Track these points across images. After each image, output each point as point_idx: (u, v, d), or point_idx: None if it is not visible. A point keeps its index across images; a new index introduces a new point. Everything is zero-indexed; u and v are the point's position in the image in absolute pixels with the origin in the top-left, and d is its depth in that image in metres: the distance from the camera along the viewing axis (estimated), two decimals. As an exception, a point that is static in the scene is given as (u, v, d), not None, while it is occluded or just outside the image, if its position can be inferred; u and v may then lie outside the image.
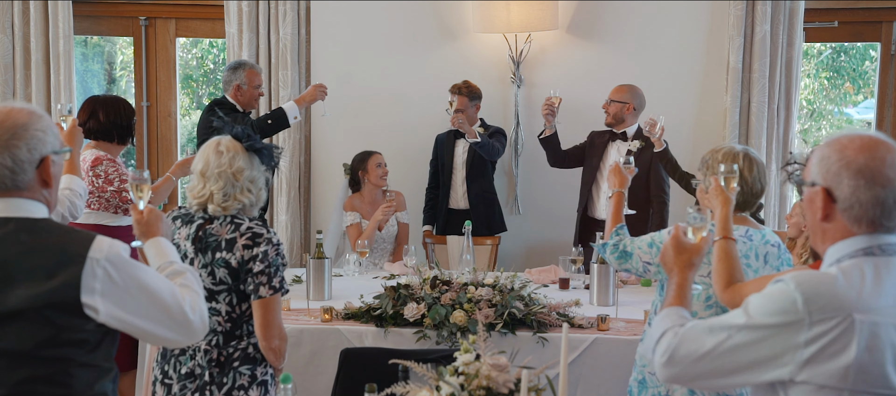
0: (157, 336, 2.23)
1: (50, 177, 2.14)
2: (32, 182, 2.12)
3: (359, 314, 4.23)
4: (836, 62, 7.73)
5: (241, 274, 3.04)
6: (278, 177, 6.05)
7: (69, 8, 5.90)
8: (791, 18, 5.63)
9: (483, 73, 5.90)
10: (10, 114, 2.11)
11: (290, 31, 5.86)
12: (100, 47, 7.59)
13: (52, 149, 2.14)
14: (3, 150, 2.08)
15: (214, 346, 3.09)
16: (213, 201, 3.06)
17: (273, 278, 3.03)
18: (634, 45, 5.94)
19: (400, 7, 5.99)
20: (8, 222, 2.11)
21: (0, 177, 2.08)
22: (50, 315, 2.02)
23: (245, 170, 3.07)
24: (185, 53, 7.78)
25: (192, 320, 2.24)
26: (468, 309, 4.11)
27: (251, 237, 3.01)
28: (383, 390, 2.58)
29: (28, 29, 5.86)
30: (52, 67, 5.95)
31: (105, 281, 2.07)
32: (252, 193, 3.10)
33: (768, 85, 5.64)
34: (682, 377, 1.99)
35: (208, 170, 3.05)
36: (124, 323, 2.12)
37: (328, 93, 5.57)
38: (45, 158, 2.13)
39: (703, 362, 1.92)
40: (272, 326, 3.05)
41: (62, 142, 2.28)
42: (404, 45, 6.06)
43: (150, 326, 2.19)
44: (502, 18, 5.71)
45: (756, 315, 1.84)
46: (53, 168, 2.16)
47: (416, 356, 3.30)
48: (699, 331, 1.93)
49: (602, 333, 4.12)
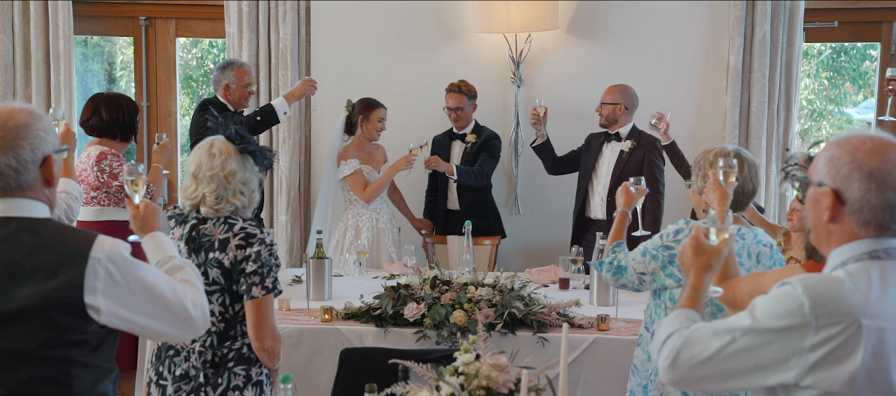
0: (159, 332, 2.24)
1: (52, 175, 2.16)
2: (36, 181, 2.14)
3: (359, 314, 4.23)
4: (836, 62, 7.74)
5: (233, 275, 3.03)
6: (278, 178, 6.04)
7: (69, 8, 5.91)
8: (791, 18, 5.64)
9: (483, 73, 5.91)
10: (12, 114, 2.12)
11: (290, 31, 5.86)
12: (100, 47, 7.58)
13: (53, 148, 2.16)
14: (8, 151, 2.09)
15: (209, 347, 3.08)
16: (206, 203, 3.06)
17: (266, 278, 3.03)
18: (634, 45, 5.96)
19: (400, 7, 6.01)
20: (10, 222, 2.12)
21: (4, 178, 2.09)
22: (52, 315, 2.03)
23: (237, 172, 3.07)
24: (185, 53, 7.79)
25: (193, 316, 2.25)
26: (468, 309, 4.11)
27: (244, 237, 3.01)
28: (383, 390, 2.56)
29: (28, 29, 5.87)
30: (52, 67, 5.97)
31: (107, 281, 2.08)
32: (244, 195, 3.09)
33: (768, 85, 5.66)
34: (684, 380, 1.99)
35: (200, 172, 3.05)
36: (126, 321, 2.13)
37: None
38: (48, 157, 2.14)
39: (706, 366, 1.91)
40: (264, 326, 3.04)
41: (60, 141, 2.29)
42: (404, 45, 6.08)
43: (153, 323, 2.19)
44: (502, 18, 5.73)
45: (762, 317, 1.84)
46: (55, 167, 2.18)
47: (415, 356, 3.29)
48: (703, 334, 1.93)
49: (602, 333, 4.12)
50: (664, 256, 3.28)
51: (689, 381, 1.98)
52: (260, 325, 3.02)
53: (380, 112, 5.56)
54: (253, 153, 3.10)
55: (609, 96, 5.18)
